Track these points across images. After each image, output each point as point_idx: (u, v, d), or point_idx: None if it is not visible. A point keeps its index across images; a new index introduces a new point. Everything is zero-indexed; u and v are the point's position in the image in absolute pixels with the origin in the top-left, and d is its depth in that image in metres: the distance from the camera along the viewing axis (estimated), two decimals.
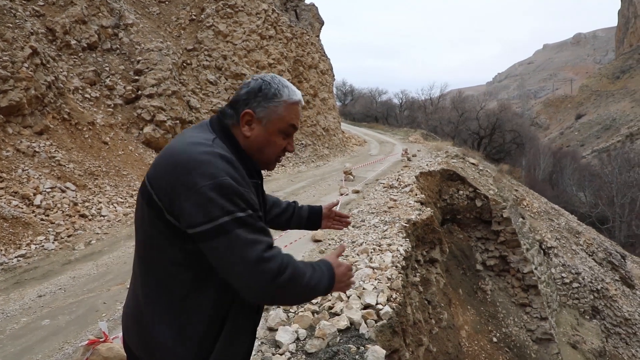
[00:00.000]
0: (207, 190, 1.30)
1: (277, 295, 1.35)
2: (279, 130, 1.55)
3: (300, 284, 1.37)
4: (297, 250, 6.70)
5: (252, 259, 1.29)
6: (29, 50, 9.49)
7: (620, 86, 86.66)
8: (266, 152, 1.57)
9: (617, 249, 20.03)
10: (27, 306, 5.16)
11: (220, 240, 1.30)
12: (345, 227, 2.28)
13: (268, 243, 1.34)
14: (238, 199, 1.32)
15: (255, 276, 1.29)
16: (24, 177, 8.19)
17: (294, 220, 2.15)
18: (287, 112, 1.54)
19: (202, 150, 1.37)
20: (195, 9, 17.69)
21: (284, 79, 1.59)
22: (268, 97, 1.52)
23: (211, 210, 1.29)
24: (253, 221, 1.34)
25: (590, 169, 46.21)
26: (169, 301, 1.44)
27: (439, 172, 11.86)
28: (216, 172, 1.32)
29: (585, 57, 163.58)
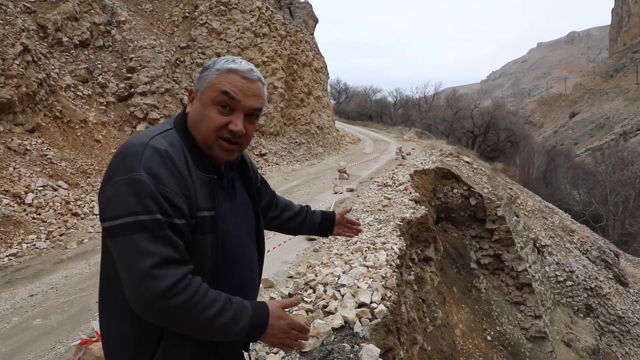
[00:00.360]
0: (120, 185, 1.22)
1: (162, 319, 1.19)
2: (212, 100, 1.38)
3: (196, 316, 1.19)
4: (291, 248, 6.68)
5: (138, 272, 1.16)
6: (20, 47, 9.40)
7: (614, 85, 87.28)
8: (202, 129, 1.39)
9: (610, 247, 20.14)
10: (18, 305, 5.11)
11: (119, 241, 1.20)
12: (356, 235, 2.21)
13: (164, 257, 1.18)
14: (148, 199, 1.20)
15: (138, 291, 1.16)
16: (15, 176, 8.11)
17: (307, 225, 2.07)
18: (218, 79, 1.39)
19: (139, 141, 1.29)
20: (189, 6, 17.59)
21: (241, 59, 1.46)
22: (205, 69, 1.43)
23: (117, 207, 1.20)
24: (156, 227, 1.19)
25: (584, 168, 46.48)
26: (111, 306, 1.37)
27: (433, 170, 11.86)
28: (135, 167, 1.22)
29: (579, 56, 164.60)
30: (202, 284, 1.24)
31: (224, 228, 1.41)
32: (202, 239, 1.34)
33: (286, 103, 20.62)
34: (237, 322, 1.26)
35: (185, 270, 1.22)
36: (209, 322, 1.21)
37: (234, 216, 1.49)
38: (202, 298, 1.21)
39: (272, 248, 6.46)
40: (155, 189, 1.21)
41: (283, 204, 2.03)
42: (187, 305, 1.18)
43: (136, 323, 1.30)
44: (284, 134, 19.77)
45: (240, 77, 1.41)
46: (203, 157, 1.39)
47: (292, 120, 21.07)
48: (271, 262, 6.10)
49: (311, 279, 4.80)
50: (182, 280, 1.18)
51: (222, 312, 1.23)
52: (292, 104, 21.27)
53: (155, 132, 1.35)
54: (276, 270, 5.87)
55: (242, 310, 1.28)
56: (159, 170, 1.24)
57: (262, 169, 15.69)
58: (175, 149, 1.32)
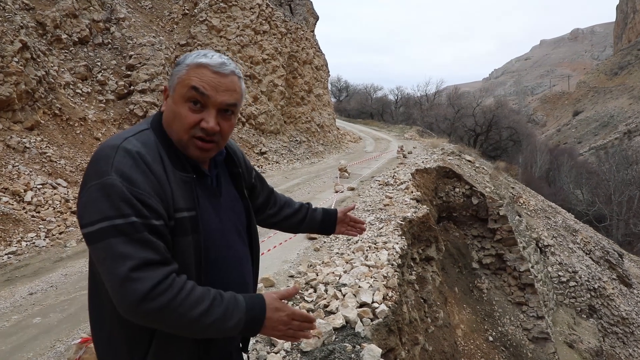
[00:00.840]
0: (93, 190, 1.19)
1: (149, 321, 1.18)
2: (182, 97, 1.34)
3: (183, 315, 1.17)
4: (291, 247, 6.64)
5: (118, 276, 1.14)
6: (19, 44, 9.37)
7: (619, 83, 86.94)
8: (175, 128, 1.36)
9: (614, 247, 20.05)
10: (18, 304, 5.09)
11: (96, 247, 1.18)
12: (360, 233, 2.15)
13: (142, 260, 1.16)
14: (122, 202, 1.17)
15: (119, 295, 1.15)
16: (14, 173, 8.09)
17: (307, 222, 2.03)
18: (188, 74, 1.34)
19: (111, 144, 1.25)
20: (189, 3, 17.55)
21: (214, 52, 1.41)
22: (176, 65, 1.39)
23: (92, 213, 1.18)
24: (132, 231, 1.17)
25: (588, 167, 46.36)
26: (99, 307, 1.35)
27: (435, 169, 11.80)
28: (106, 170, 1.19)
29: (582, 53, 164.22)
30: (187, 282, 1.21)
31: (207, 228, 1.38)
32: (183, 240, 1.31)
33: (286, 101, 20.57)
34: (230, 318, 1.23)
35: (167, 270, 1.19)
36: (198, 321, 1.19)
37: (217, 215, 1.45)
38: (187, 296, 1.18)
39: (272, 247, 6.43)
40: (128, 191, 1.19)
41: (282, 201, 1.99)
42: (172, 305, 1.16)
43: (126, 324, 1.28)
44: (284, 132, 19.72)
45: (210, 71, 1.35)
46: (180, 156, 1.36)
47: (293, 119, 21.02)
48: (272, 261, 6.07)
49: (312, 278, 4.78)
50: (163, 281, 1.16)
51: (211, 309, 1.20)
52: (293, 102, 21.22)
53: (129, 134, 1.31)
54: (277, 269, 5.83)
55: (235, 305, 1.25)
56: (130, 173, 1.21)
57: (262, 167, 15.65)
58: (150, 149, 1.29)
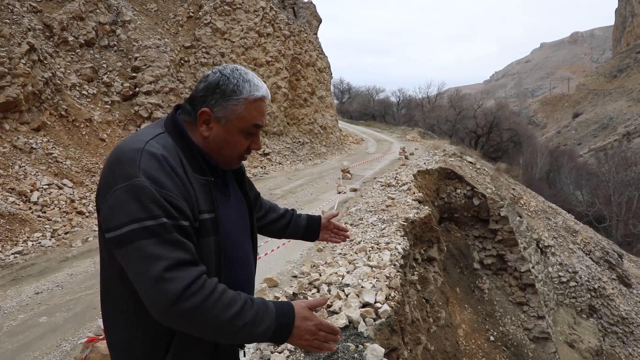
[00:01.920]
0: (121, 193, 1.18)
1: (181, 323, 1.16)
2: (240, 130, 1.40)
3: (216, 317, 1.17)
4: (295, 248, 6.69)
5: (151, 277, 1.13)
6: (26, 46, 9.45)
7: (618, 85, 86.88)
8: (226, 153, 1.43)
9: (614, 247, 20.08)
10: (24, 303, 5.13)
11: (126, 250, 1.17)
12: (343, 241, 2.15)
13: (175, 260, 1.16)
14: (152, 204, 1.18)
15: (153, 296, 1.14)
16: (20, 174, 8.16)
17: (291, 228, 2.02)
18: (248, 111, 1.39)
19: (133, 147, 1.26)
20: (193, 6, 17.64)
21: (246, 70, 1.44)
22: (226, 94, 1.37)
23: (121, 216, 1.18)
24: (164, 231, 1.17)
25: (588, 168, 46.36)
26: (117, 312, 1.35)
27: (436, 170, 11.85)
28: (134, 173, 1.19)
29: (582, 56, 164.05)
30: (218, 285, 1.22)
31: (224, 229, 1.40)
32: (205, 241, 1.33)
33: (290, 103, 20.64)
34: (261, 323, 1.22)
35: (199, 270, 1.20)
36: (230, 323, 1.18)
37: (231, 215, 1.48)
38: (220, 298, 1.19)
39: (276, 247, 6.48)
40: (157, 193, 1.19)
41: (267, 205, 2.00)
42: (205, 305, 1.16)
43: (143, 330, 1.29)
44: (287, 134, 19.79)
45: (263, 102, 1.43)
46: (198, 160, 1.37)
47: (296, 120, 21.08)
48: (275, 262, 6.12)
49: (315, 278, 4.79)
50: (196, 281, 1.17)
51: (242, 312, 1.20)
52: (296, 104, 21.29)
53: (148, 137, 1.31)
54: (280, 269, 5.89)
55: (265, 310, 1.24)
56: (158, 175, 1.22)
57: (266, 168, 15.72)
58: (171, 153, 1.30)
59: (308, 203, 9.94)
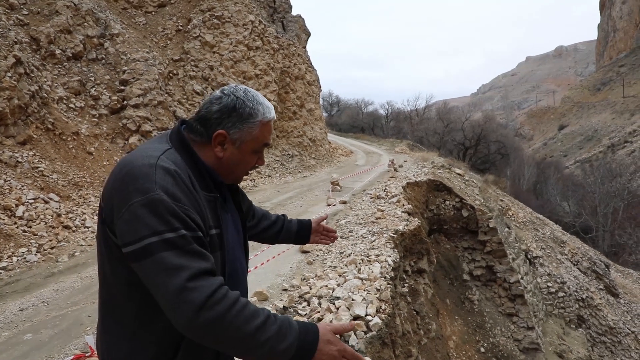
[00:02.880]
0: (138, 207, 1.19)
1: (204, 333, 1.15)
2: (253, 150, 1.48)
3: (239, 328, 1.16)
4: (285, 261, 6.67)
5: (173, 287, 1.14)
6: (13, 59, 9.39)
7: (601, 98, 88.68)
8: (237, 172, 1.51)
9: (601, 258, 20.29)
10: (8, 320, 5.05)
11: (147, 263, 1.18)
12: (332, 242, 2.22)
13: (197, 269, 1.17)
14: (171, 217, 1.19)
15: (176, 307, 1.14)
16: (5, 188, 8.05)
17: (284, 233, 2.07)
18: (261, 132, 1.46)
19: (145, 162, 1.27)
20: (182, 20, 17.69)
21: (255, 92, 1.49)
22: (243, 117, 1.42)
23: (139, 229, 1.18)
24: (184, 243, 1.19)
25: (574, 179, 46.96)
26: (120, 326, 1.35)
27: (425, 182, 11.92)
28: (150, 187, 1.21)
29: (567, 69, 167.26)
30: (240, 297, 1.21)
31: (227, 244, 1.43)
32: (213, 256, 1.32)
33: (279, 116, 20.70)
34: (284, 339, 1.20)
35: (220, 280, 1.20)
36: (253, 336, 1.16)
37: (228, 230, 1.50)
38: (243, 308, 1.18)
39: (266, 261, 6.46)
40: (175, 206, 1.21)
41: (260, 213, 2.04)
42: (229, 315, 1.15)
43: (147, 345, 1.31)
44: (276, 146, 19.81)
45: (272, 123, 1.51)
46: (205, 177, 1.40)
47: (285, 133, 21.13)
48: (265, 275, 6.09)
49: (305, 291, 4.77)
50: (219, 289, 1.17)
51: (266, 325, 1.19)
52: (285, 117, 21.35)
53: (157, 152, 1.33)
54: (270, 283, 5.86)
55: (289, 327, 1.22)
56: (174, 190, 1.24)
57: (255, 181, 15.68)
58: (181, 169, 1.32)
59: (297, 216, 9.92)
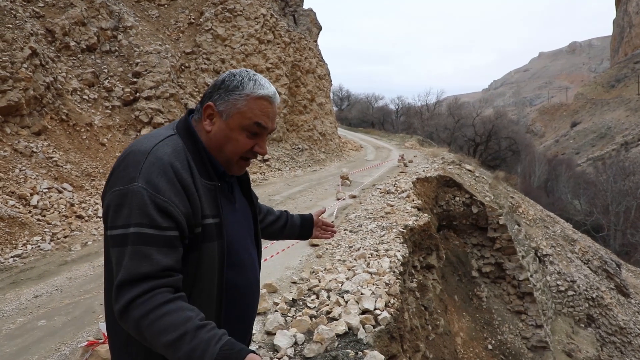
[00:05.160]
0: (116, 196, 1.23)
1: (131, 331, 1.19)
2: (241, 127, 1.40)
3: (152, 337, 1.15)
4: (294, 254, 6.69)
5: (117, 281, 1.19)
6: (29, 51, 9.49)
7: (616, 95, 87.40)
8: (226, 150, 1.42)
9: (612, 257, 20.10)
10: (23, 306, 5.13)
11: (115, 251, 1.23)
12: (331, 237, 2.17)
13: (131, 274, 1.18)
14: (140, 213, 1.21)
15: (113, 299, 1.20)
16: (21, 177, 8.16)
17: (288, 228, 2.04)
18: (249, 107, 1.39)
19: (142, 148, 1.29)
20: (194, 13, 17.73)
21: (256, 73, 1.46)
22: (229, 89, 1.40)
23: (115, 218, 1.23)
24: (138, 241, 1.20)
25: (586, 177, 46.51)
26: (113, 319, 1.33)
27: (435, 178, 11.89)
28: (134, 177, 1.23)
29: (580, 66, 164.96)
30: (169, 303, 1.17)
31: (229, 233, 1.41)
32: (209, 245, 1.34)
33: (289, 109, 20.71)
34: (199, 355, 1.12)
35: (152, 284, 1.18)
36: (166, 349, 1.14)
37: (236, 221, 1.50)
38: (157, 320, 1.15)
39: (275, 253, 6.49)
40: (150, 199, 1.22)
41: (265, 209, 2.02)
42: (142, 322, 1.15)
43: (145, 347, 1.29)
44: (286, 140, 19.84)
45: (268, 102, 1.43)
46: (206, 165, 1.39)
47: (295, 127, 21.15)
48: (274, 268, 6.12)
49: (314, 284, 4.80)
50: (142, 295, 1.17)
51: (177, 343, 1.13)
52: (295, 110, 21.36)
53: (158, 139, 1.34)
54: (279, 275, 5.89)
55: (205, 350, 1.12)
56: (158, 180, 1.24)
57: (265, 174, 15.74)
58: (179, 156, 1.32)
59: (307, 209, 9.96)
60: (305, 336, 3.63)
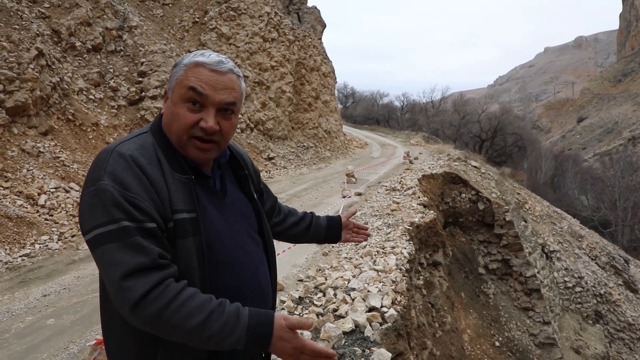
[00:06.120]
0: (88, 198, 1.20)
1: (148, 328, 1.16)
2: (180, 97, 1.32)
3: (178, 325, 1.14)
4: (300, 252, 6.71)
5: (112, 283, 1.15)
6: (35, 51, 9.54)
7: (622, 89, 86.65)
8: (174, 129, 1.34)
9: (620, 253, 19.99)
10: (32, 305, 5.18)
11: (95, 253, 1.18)
12: (365, 240, 2.05)
13: (132, 266, 1.14)
14: (113, 207, 1.17)
15: (117, 301, 1.16)
16: (28, 177, 8.22)
17: (312, 230, 1.94)
18: (186, 75, 1.32)
19: (106, 149, 1.27)
20: (199, 12, 17.76)
21: (209, 51, 1.39)
22: (175, 68, 1.37)
23: (88, 220, 1.19)
24: (124, 235, 1.16)
25: (592, 173, 46.19)
26: (108, 319, 1.35)
27: (441, 175, 11.86)
28: (99, 176, 1.20)
29: (586, 60, 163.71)
30: (184, 291, 1.18)
31: (211, 229, 1.34)
32: (184, 242, 1.27)
33: (294, 107, 20.71)
34: (229, 335, 1.17)
35: (160, 275, 1.16)
36: (195, 332, 1.15)
37: (222, 216, 1.41)
38: (180, 306, 1.14)
39: (281, 251, 6.50)
40: (119, 195, 1.18)
41: (286, 209, 1.94)
42: (165, 313, 1.13)
43: (133, 329, 1.25)
44: (291, 138, 19.85)
45: (208, 70, 1.33)
46: (178, 158, 1.34)
47: (300, 124, 21.15)
48: (281, 266, 6.11)
49: (321, 282, 4.80)
50: (155, 288, 1.14)
51: (208, 321, 1.15)
52: (300, 108, 21.36)
53: (126, 138, 1.32)
54: (286, 273, 5.91)
55: (237, 321, 1.17)
56: (123, 176, 1.20)
57: (270, 172, 15.76)
58: (146, 151, 1.28)
59: (313, 207, 9.96)
60: (312, 334, 3.63)
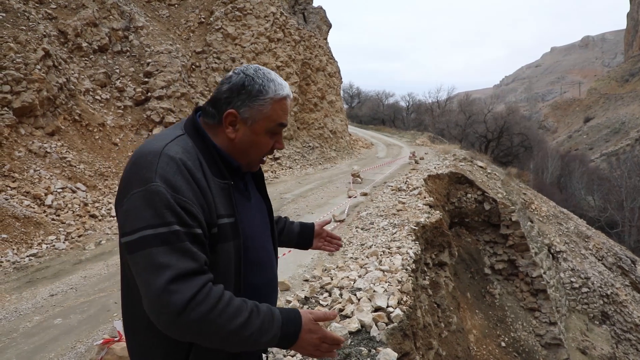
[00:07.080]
0: (136, 198, 1.18)
1: (187, 334, 1.15)
2: (267, 130, 1.40)
3: (222, 326, 1.16)
4: (306, 252, 6.69)
5: (156, 287, 1.12)
6: (42, 52, 9.60)
7: (630, 89, 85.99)
8: (252, 154, 1.43)
9: (627, 253, 19.84)
10: (39, 305, 5.22)
11: (137, 256, 1.16)
12: (337, 250, 2.07)
13: (182, 270, 1.14)
14: (166, 210, 1.16)
15: (156, 308, 1.13)
16: (35, 178, 8.28)
17: (285, 234, 1.94)
18: (274, 110, 1.38)
19: (152, 149, 1.26)
20: (205, 12, 17.80)
21: (268, 70, 1.42)
22: (252, 95, 1.36)
23: (135, 221, 1.17)
24: (175, 239, 1.16)
25: (599, 173, 45.90)
26: (135, 319, 1.34)
27: (447, 175, 11.82)
28: (150, 177, 1.19)
29: (593, 60, 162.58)
30: (224, 293, 1.20)
31: (245, 232, 1.37)
32: (225, 246, 1.30)
33: (300, 107, 20.72)
34: (266, 332, 1.22)
35: (204, 279, 1.18)
36: (237, 332, 1.17)
37: (253, 218, 1.46)
38: (225, 307, 1.17)
39: (287, 251, 6.50)
40: (172, 199, 1.18)
41: None
42: (211, 315, 1.14)
43: (162, 335, 1.24)
44: (297, 138, 19.86)
45: (288, 102, 1.43)
46: (218, 163, 1.35)
47: (306, 125, 21.15)
48: (287, 266, 6.14)
49: (327, 282, 4.80)
50: (201, 291, 1.15)
51: (250, 320, 1.19)
52: (306, 108, 21.36)
53: (167, 139, 1.31)
54: (292, 273, 5.91)
55: (272, 319, 1.23)
56: (175, 180, 1.20)
57: (276, 172, 15.78)
58: (191, 156, 1.29)
59: (318, 207, 9.96)
60: None
